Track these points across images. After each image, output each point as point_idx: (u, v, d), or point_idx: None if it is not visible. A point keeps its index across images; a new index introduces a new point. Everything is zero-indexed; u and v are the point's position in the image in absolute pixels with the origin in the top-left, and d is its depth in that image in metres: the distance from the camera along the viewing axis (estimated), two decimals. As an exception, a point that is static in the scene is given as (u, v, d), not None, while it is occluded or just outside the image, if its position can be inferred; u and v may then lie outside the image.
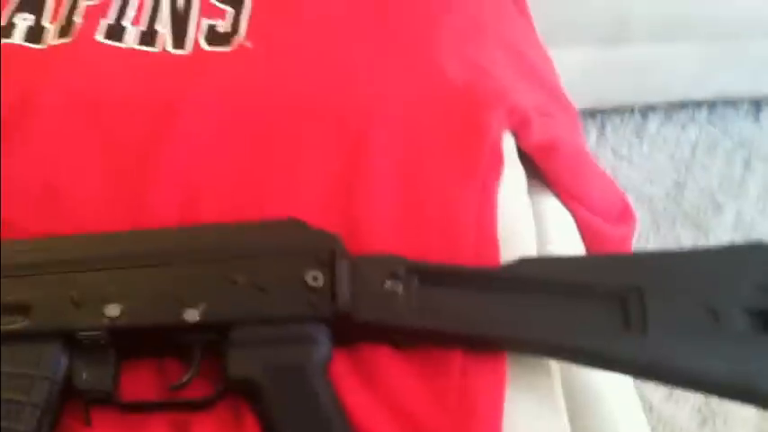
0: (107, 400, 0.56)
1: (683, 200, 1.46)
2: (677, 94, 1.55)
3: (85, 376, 0.56)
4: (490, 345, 0.58)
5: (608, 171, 0.88)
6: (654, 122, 1.58)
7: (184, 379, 0.56)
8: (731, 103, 1.59)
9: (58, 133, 0.69)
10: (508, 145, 0.74)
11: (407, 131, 0.71)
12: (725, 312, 0.55)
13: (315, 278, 0.57)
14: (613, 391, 0.66)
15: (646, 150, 1.55)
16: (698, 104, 1.59)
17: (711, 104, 1.59)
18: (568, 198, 0.79)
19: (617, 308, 0.56)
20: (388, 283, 0.58)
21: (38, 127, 0.69)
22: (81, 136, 0.70)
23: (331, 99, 0.73)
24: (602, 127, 1.56)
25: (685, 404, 1.20)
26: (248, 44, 0.77)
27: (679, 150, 1.54)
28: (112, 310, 0.57)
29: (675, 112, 1.58)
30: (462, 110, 0.72)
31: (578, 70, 0.87)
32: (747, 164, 1.52)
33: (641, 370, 0.56)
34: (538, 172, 0.78)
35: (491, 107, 0.73)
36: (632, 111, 1.58)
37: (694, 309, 0.55)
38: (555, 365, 0.61)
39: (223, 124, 0.71)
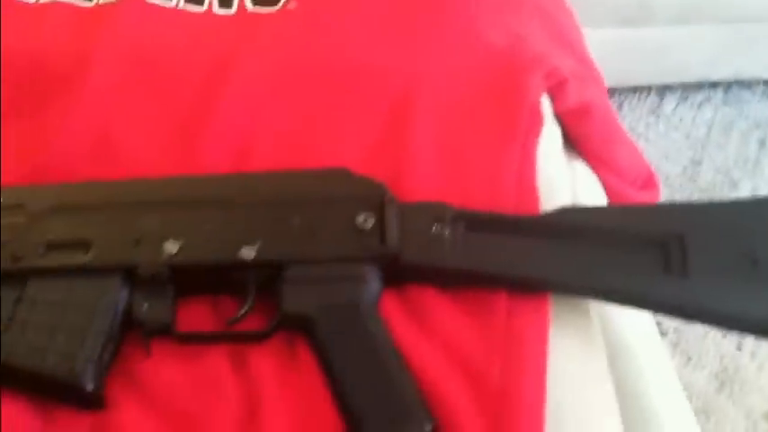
0: (166, 331, 0.58)
1: (698, 177, 1.47)
2: (694, 75, 1.57)
3: (146, 308, 0.58)
4: (533, 286, 0.60)
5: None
6: (670, 103, 1.59)
7: (240, 313, 0.59)
8: (746, 84, 1.60)
9: (110, 87, 0.71)
10: (546, 106, 0.75)
11: (450, 93, 0.73)
12: (762, 259, 0.57)
13: (365, 220, 0.60)
14: (638, 338, 0.68)
15: (662, 129, 1.56)
16: (714, 86, 1.60)
17: (727, 86, 1.60)
18: (597, 162, 0.81)
19: (658, 253, 0.58)
20: (436, 227, 0.60)
21: (91, 81, 0.71)
22: (134, 90, 0.72)
23: (375, 60, 0.75)
24: (620, 105, 1.57)
25: (703, 369, 1.20)
26: (292, 6, 0.79)
27: (695, 129, 1.55)
28: (171, 247, 0.59)
29: (692, 92, 1.59)
30: (503, 73, 0.74)
31: (599, 50, 0.90)
32: (762, 143, 1.53)
33: (681, 311, 0.58)
34: (568, 137, 0.79)
35: (530, 71, 0.75)
36: (649, 90, 1.60)
37: (733, 255, 0.57)
38: (592, 307, 0.63)
39: (272, 81, 0.72)
